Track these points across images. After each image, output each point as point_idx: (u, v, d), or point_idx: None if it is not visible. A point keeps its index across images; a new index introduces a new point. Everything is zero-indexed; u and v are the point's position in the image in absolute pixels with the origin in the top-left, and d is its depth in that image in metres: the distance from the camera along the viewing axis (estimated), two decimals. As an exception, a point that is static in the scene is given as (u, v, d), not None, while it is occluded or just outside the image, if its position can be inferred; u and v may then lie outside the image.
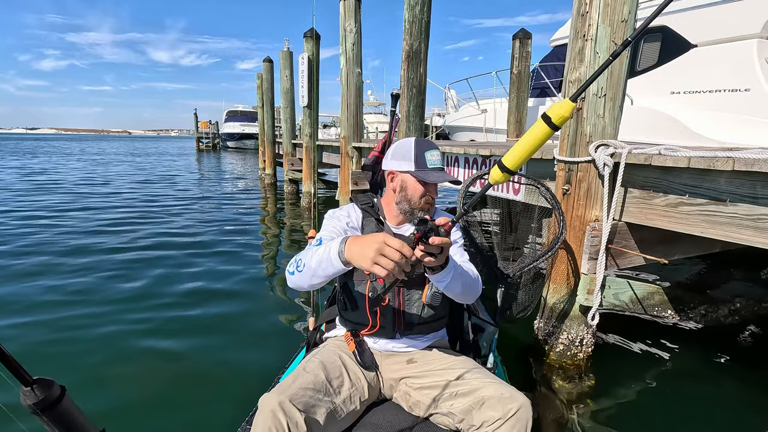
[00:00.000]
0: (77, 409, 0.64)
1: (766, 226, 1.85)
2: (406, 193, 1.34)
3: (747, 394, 2.35)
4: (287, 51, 9.27)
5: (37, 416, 0.59)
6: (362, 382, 1.28)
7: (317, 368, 1.21)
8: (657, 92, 4.87)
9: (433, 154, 1.34)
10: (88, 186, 10.49)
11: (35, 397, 0.58)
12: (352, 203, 1.47)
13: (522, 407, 1.09)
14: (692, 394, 2.35)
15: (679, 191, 2.15)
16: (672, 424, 2.09)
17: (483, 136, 8.07)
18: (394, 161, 1.37)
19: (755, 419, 2.13)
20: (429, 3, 4.11)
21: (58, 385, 0.62)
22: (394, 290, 1.34)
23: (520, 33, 6.80)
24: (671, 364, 2.69)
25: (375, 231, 1.36)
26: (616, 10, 2.17)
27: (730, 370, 2.58)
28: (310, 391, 1.12)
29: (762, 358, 2.73)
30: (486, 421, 1.10)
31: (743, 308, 3.25)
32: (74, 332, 2.83)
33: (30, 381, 0.58)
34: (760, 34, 4.06)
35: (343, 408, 1.17)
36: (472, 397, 1.16)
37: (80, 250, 4.69)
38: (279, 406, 1.02)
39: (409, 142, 1.37)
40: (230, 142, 34.93)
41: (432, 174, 1.32)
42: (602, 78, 2.24)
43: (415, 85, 4.26)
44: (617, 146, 2.25)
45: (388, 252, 0.87)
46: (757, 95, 4.01)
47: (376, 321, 1.35)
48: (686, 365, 2.66)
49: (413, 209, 1.35)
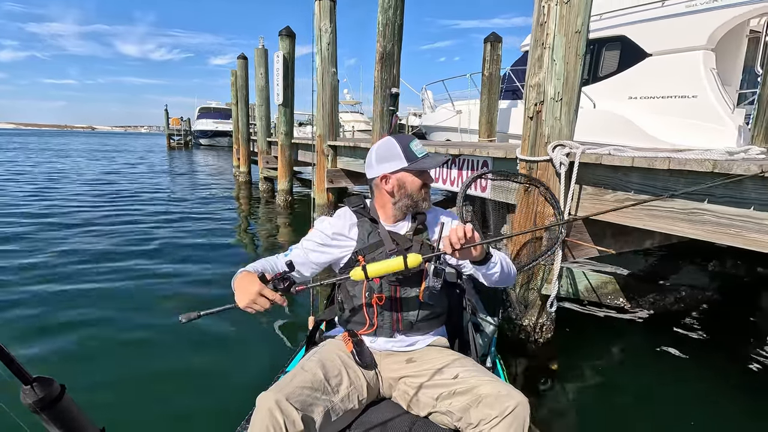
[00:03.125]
0: (77, 407, 0.63)
1: (697, 218, 2.07)
2: (405, 190, 1.34)
3: (691, 372, 2.59)
4: (262, 49, 9.22)
5: (37, 414, 0.59)
6: (361, 381, 1.27)
7: (315, 367, 1.21)
8: (617, 97, 5.19)
9: (416, 144, 1.34)
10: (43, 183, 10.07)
11: (35, 396, 0.58)
12: (344, 207, 1.46)
13: (519, 405, 1.09)
14: (648, 373, 2.54)
15: (626, 188, 2.36)
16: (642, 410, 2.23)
17: (458, 136, 8.29)
18: (383, 164, 1.34)
19: (697, 387, 2.37)
20: (402, 6, 4.24)
21: (58, 384, 0.61)
22: (391, 289, 1.34)
23: (491, 36, 7.04)
24: (625, 349, 2.91)
25: (369, 231, 1.37)
26: (570, 21, 2.35)
27: (680, 350, 2.80)
28: (308, 389, 1.12)
29: (705, 340, 2.99)
30: (483, 419, 1.11)
31: (688, 296, 3.54)
32: (73, 331, 2.82)
33: (30, 379, 0.58)
34: (706, 45, 4.42)
35: (341, 407, 1.17)
36: (470, 395, 1.16)
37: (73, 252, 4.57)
38: (276, 405, 1.03)
39: (389, 142, 1.35)
40: (203, 140, 34.10)
41: (427, 161, 1.33)
42: (559, 84, 2.43)
43: (389, 85, 4.39)
44: (572, 146, 2.44)
45: (260, 302, 1.09)
46: (703, 102, 4.37)
47: (373, 320, 1.35)
48: (638, 349, 2.88)
49: (416, 201, 1.35)
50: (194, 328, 2.92)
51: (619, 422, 2.14)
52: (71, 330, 2.85)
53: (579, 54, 2.40)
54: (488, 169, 2.74)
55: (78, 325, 2.93)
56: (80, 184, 10.20)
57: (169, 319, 3.05)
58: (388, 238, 1.35)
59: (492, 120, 6.98)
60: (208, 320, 3.41)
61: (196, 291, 3.62)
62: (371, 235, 1.36)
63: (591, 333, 3.05)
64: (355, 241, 1.36)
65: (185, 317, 1.08)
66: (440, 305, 1.43)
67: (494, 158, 3.28)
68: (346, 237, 1.38)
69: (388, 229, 1.38)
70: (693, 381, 2.50)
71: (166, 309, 3.26)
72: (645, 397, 2.30)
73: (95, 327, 2.90)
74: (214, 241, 5.29)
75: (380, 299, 1.34)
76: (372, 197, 1.47)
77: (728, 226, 1.97)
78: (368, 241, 1.35)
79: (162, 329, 2.90)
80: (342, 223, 1.40)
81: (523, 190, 2.63)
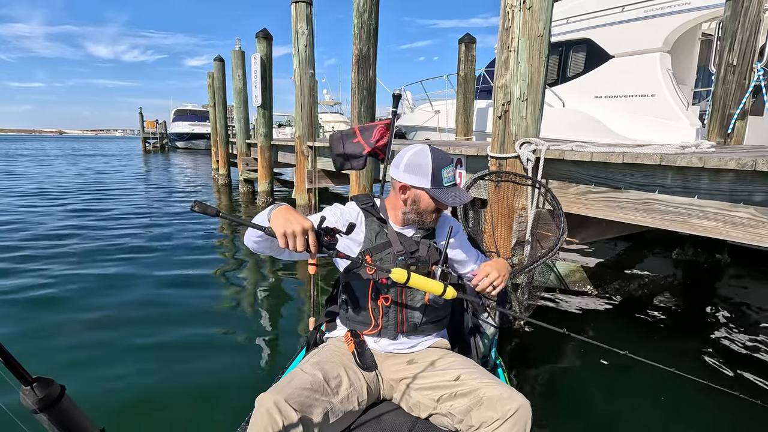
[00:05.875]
0: (77, 408, 0.63)
1: (651, 208, 2.26)
2: (418, 207, 1.31)
3: (652, 354, 2.78)
4: (239, 50, 9.18)
5: (37, 415, 0.59)
6: (361, 382, 1.26)
7: (315, 368, 1.20)
8: (583, 96, 5.46)
9: (448, 171, 1.30)
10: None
11: (35, 397, 0.58)
12: (353, 203, 1.42)
13: (521, 408, 1.08)
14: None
15: (587, 181, 2.54)
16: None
17: (437, 135, 8.48)
18: (409, 174, 1.29)
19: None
20: (377, 10, 4.36)
21: (58, 385, 0.61)
22: (397, 291, 1.32)
23: (465, 38, 7.25)
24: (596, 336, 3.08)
25: (377, 231, 1.34)
26: (533, 26, 2.51)
27: (646, 332, 3.00)
28: (307, 390, 1.10)
29: (668, 323, 3.20)
30: (485, 421, 1.10)
31: (651, 282, 3.79)
32: (74, 332, 2.83)
33: (30, 380, 0.58)
34: (662, 48, 4.73)
35: (340, 408, 1.16)
36: (471, 398, 1.15)
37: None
38: (274, 405, 1.02)
39: (426, 155, 1.29)
40: (179, 143, 33.42)
41: (449, 196, 1.29)
42: (524, 84, 2.59)
43: (366, 87, 4.49)
44: (538, 143, 2.61)
45: (300, 239, 0.99)
46: (660, 100, 4.68)
47: (378, 321, 1.33)
48: (609, 335, 3.05)
49: (423, 221, 1.33)
50: (195, 327, 2.97)
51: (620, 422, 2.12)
52: (71, 331, 2.85)
53: (542, 56, 2.57)
54: (488, 171, 2.80)
55: (78, 326, 2.93)
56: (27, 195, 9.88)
57: (166, 322, 3.06)
58: (396, 239, 1.33)
59: (468, 119, 7.18)
60: (209, 319, 3.22)
61: (176, 293, 3.63)
62: (379, 235, 1.34)
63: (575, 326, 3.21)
64: (362, 240, 1.34)
65: (199, 207, 0.93)
66: (444, 308, 1.41)
67: (467, 156, 3.44)
68: (354, 232, 1.35)
69: (396, 230, 1.36)
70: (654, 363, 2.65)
71: (158, 309, 3.29)
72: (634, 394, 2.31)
73: (96, 329, 2.90)
74: (193, 243, 5.28)
75: (386, 300, 1.32)
76: (384, 195, 1.44)
77: (676, 214, 2.16)
78: (375, 242, 1.33)
79: (162, 331, 2.91)
80: (353, 213, 1.37)
81: (493, 186, 2.78)
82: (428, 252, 1.34)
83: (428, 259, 1.33)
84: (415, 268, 1.24)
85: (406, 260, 1.30)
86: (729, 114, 3.70)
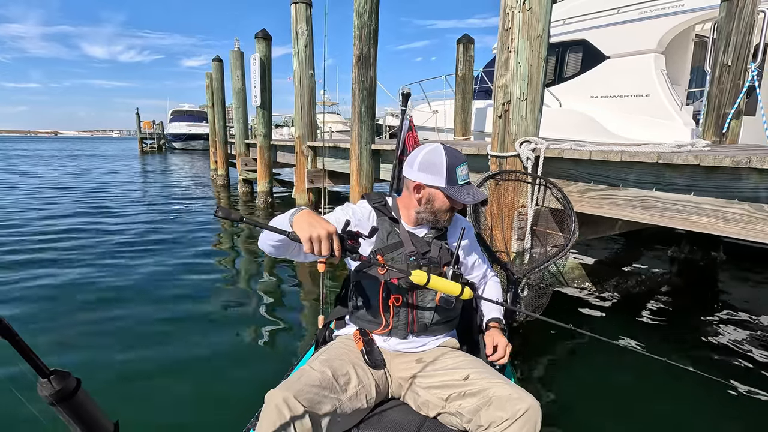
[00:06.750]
0: (92, 401, 0.65)
1: (648, 204, 2.31)
2: (432, 207, 1.32)
3: (652, 348, 2.83)
4: (238, 51, 9.20)
5: (53, 407, 0.61)
6: (370, 380, 1.26)
7: (324, 365, 1.21)
8: (580, 97, 5.54)
9: (462, 169, 1.31)
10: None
11: (52, 389, 0.59)
12: (364, 201, 1.43)
13: (531, 408, 1.08)
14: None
15: (586, 179, 2.60)
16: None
17: (435, 136, 8.52)
18: (423, 174, 1.30)
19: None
20: (377, 11, 4.40)
21: (74, 377, 0.63)
22: (409, 291, 1.33)
23: (463, 38, 7.30)
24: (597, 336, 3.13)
25: (389, 230, 1.35)
26: (532, 27, 2.56)
27: (642, 329, 3.06)
28: (316, 387, 1.11)
29: (666, 319, 3.26)
30: (494, 421, 1.09)
31: (648, 279, 3.85)
32: (90, 326, 2.88)
33: (47, 372, 0.60)
34: (656, 49, 4.81)
35: (348, 405, 1.17)
36: (481, 397, 1.15)
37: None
38: (283, 402, 1.03)
39: (440, 154, 1.29)
40: (176, 143, 33.28)
41: (464, 194, 1.29)
42: (524, 84, 2.64)
43: (366, 87, 4.54)
44: (537, 142, 2.66)
45: (325, 244, 0.99)
46: (655, 100, 4.76)
47: (389, 321, 1.34)
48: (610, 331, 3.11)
49: (438, 220, 1.34)
50: (207, 325, 3.01)
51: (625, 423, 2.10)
52: (88, 325, 2.90)
53: (541, 57, 2.62)
54: (498, 171, 2.82)
55: (94, 320, 2.98)
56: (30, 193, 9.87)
57: (177, 319, 3.10)
58: (408, 239, 1.34)
59: (467, 119, 7.23)
60: (219, 318, 3.26)
61: (184, 292, 3.65)
62: (390, 235, 1.34)
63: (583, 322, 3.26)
64: (374, 240, 1.33)
65: (223, 212, 0.93)
66: (455, 309, 1.41)
67: (468, 155, 3.48)
68: (366, 225, 1.36)
69: (407, 230, 1.36)
70: (654, 360, 2.69)
71: (168, 307, 3.33)
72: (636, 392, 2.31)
73: (111, 323, 2.95)
74: (200, 243, 5.29)
75: (397, 300, 1.32)
76: (396, 194, 1.45)
77: (673, 211, 2.22)
78: (387, 241, 1.33)
79: (172, 329, 2.93)
80: (365, 212, 1.38)
81: (494, 184, 2.83)
82: (440, 253, 1.34)
83: (440, 260, 1.33)
84: (427, 269, 1.24)
85: (418, 261, 1.31)
86: (724, 114, 3.76)
